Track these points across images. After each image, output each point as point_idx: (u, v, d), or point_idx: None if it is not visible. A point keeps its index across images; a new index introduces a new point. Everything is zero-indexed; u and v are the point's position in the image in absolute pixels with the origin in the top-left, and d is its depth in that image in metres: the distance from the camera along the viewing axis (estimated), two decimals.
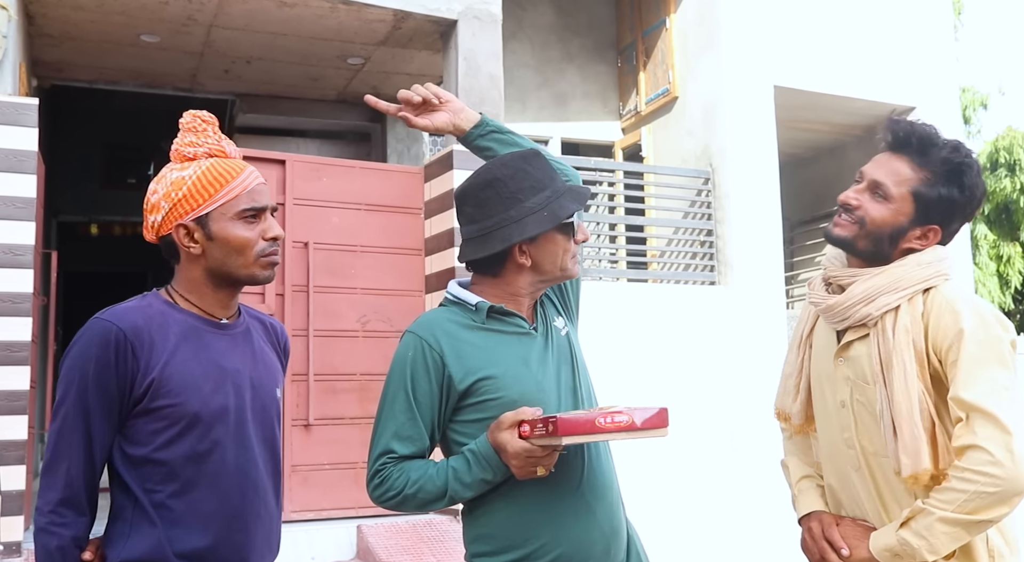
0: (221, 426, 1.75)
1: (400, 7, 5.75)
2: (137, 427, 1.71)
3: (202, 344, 1.77)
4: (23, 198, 4.66)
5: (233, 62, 6.74)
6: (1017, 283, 16.26)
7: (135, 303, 1.77)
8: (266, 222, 1.81)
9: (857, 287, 1.92)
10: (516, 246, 1.87)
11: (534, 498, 1.80)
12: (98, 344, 1.68)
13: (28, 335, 4.63)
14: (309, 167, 5.77)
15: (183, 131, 1.83)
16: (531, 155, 1.95)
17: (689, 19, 7.57)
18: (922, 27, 8.23)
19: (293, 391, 5.48)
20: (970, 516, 1.72)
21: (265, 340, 1.93)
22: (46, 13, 5.71)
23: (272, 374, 1.89)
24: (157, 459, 1.70)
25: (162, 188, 1.79)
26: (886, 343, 1.86)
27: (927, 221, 1.91)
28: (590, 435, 1.66)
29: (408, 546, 4.98)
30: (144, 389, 1.69)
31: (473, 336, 1.87)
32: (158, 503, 1.70)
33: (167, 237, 1.79)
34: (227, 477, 1.75)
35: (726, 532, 6.15)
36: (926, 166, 1.90)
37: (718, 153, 7.15)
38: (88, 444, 1.68)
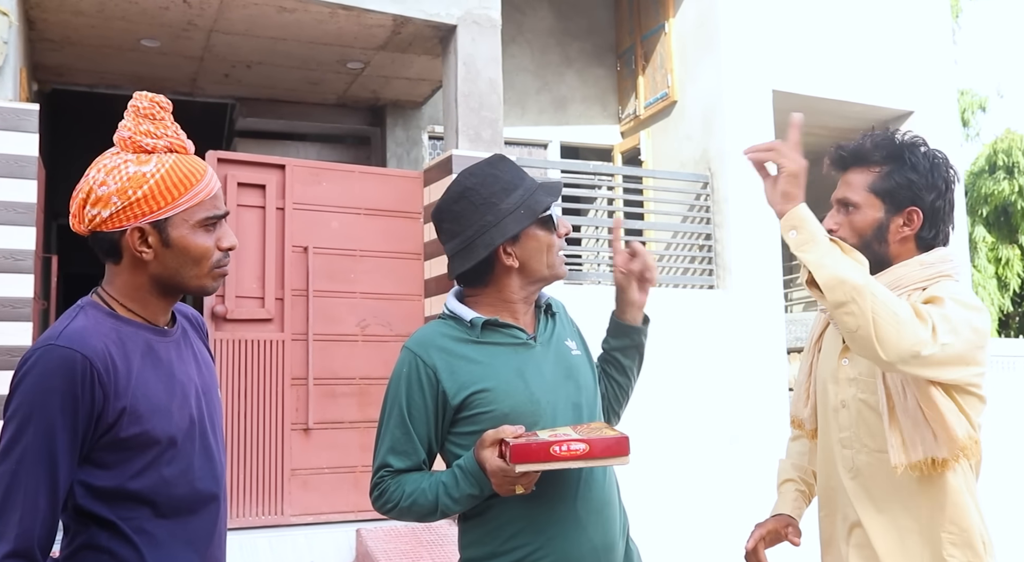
0: (190, 443, 1.64)
1: (400, 12, 5.77)
2: (105, 457, 1.54)
3: (157, 358, 1.63)
4: (24, 203, 4.68)
5: (233, 66, 6.75)
6: (1015, 286, 16.30)
7: (83, 322, 1.57)
8: (222, 230, 1.68)
9: None
10: (501, 249, 1.90)
11: (525, 508, 1.83)
12: (61, 375, 1.48)
13: (28, 340, 4.64)
14: (309, 171, 5.79)
15: (137, 116, 1.63)
16: (496, 160, 1.98)
17: (688, 23, 7.59)
18: (920, 32, 8.26)
19: (293, 395, 5.49)
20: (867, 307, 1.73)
21: (197, 338, 1.81)
22: (47, 18, 5.73)
23: (212, 374, 1.79)
24: (131, 488, 1.55)
25: (115, 182, 1.58)
26: None
27: (900, 207, 1.99)
28: (544, 463, 1.67)
29: (407, 550, 5.00)
30: (115, 418, 1.53)
31: (468, 350, 1.89)
32: (137, 528, 1.56)
33: (108, 234, 1.60)
34: (205, 493, 1.66)
35: (726, 535, 6.16)
36: (873, 164, 2.02)
37: (717, 157, 7.17)
38: (51, 489, 1.48)
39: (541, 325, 2.00)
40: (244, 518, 5.23)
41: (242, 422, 5.30)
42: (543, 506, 1.83)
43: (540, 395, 1.88)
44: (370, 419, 5.69)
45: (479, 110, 5.93)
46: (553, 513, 1.83)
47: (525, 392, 1.86)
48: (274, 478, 5.37)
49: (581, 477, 1.86)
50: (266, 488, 5.34)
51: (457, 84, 5.91)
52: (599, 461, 1.69)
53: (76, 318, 1.58)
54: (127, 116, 1.65)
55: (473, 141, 5.86)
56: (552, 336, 2.00)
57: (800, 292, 8.91)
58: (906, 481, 1.90)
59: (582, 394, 1.95)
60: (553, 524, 1.83)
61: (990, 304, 15.86)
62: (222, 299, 5.35)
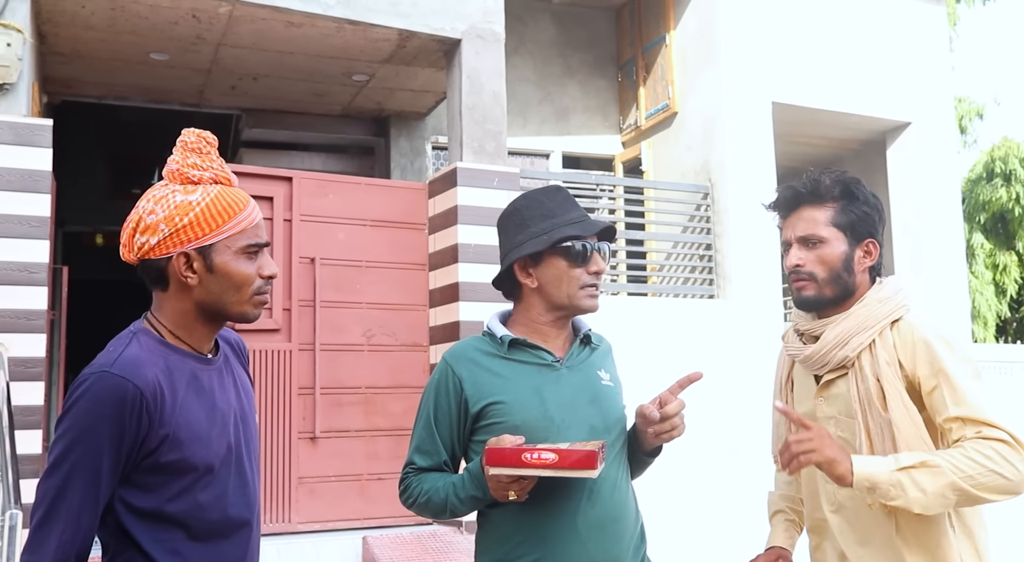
0: (226, 469, 1.71)
1: (405, 27, 5.86)
2: (145, 480, 1.62)
3: (200, 387, 1.71)
4: (38, 217, 4.77)
5: (240, 79, 6.84)
6: (1013, 291, 16.39)
7: (136, 350, 1.64)
8: (263, 258, 1.75)
9: (829, 333, 2.07)
10: (520, 267, 2.04)
11: (530, 518, 1.94)
12: (111, 403, 1.56)
13: (42, 351, 4.73)
14: (315, 184, 5.88)
15: (185, 150, 1.71)
16: (553, 189, 2.12)
17: (689, 36, 7.69)
18: (917, 44, 8.36)
19: (300, 404, 5.57)
20: (975, 491, 1.83)
21: (237, 363, 1.88)
22: (58, 32, 5.82)
23: (251, 400, 1.87)
24: (168, 511, 1.63)
25: (163, 210, 1.66)
26: (864, 381, 2.00)
27: (860, 239, 2.09)
28: (515, 468, 1.79)
29: (412, 557, 5.08)
30: (157, 443, 1.60)
31: (494, 364, 2.03)
32: (171, 550, 1.63)
33: (155, 261, 1.68)
34: (238, 520, 1.73)
35: (727, 542, 6.24)
36: (826, 201, 2.09)
37: (717, 168, 7.26)
38: (93, 507, 1.57)
39: (573, 350, 2.10)
40: None
41: None
42: (546, 518, 1.93)
43: (554, 413, 1.98)
44: (376, 428, 5.78)
45: (483, 123, 6.03)
46: (554, 525, 1.93)
47: (539, 408, 1.97)
48: (281, 486, 5.45)
49: (584, 492, 1.95)
50: (274, 496, 5.42)
51: (461, 97, 6.00)
52: (569, 472, 1.78)
53: (130, 345, 1.65)
54: (175, 150, 1.73)
55: (477, 153, 5.95)
56: (583, 363, 2.10)
57: None
58: (886, 517, 1.97)
59: (602, 419, 2.04)
60: (553, 535, 1.93)
61: (988, 310, 15.95)
62: None
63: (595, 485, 1.96)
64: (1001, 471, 1.84)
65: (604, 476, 1.96)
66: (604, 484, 1.98)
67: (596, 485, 1.96)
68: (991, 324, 15.99)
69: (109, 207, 10.48)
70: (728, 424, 6.68)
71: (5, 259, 4.66)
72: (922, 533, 1.96)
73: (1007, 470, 1.84)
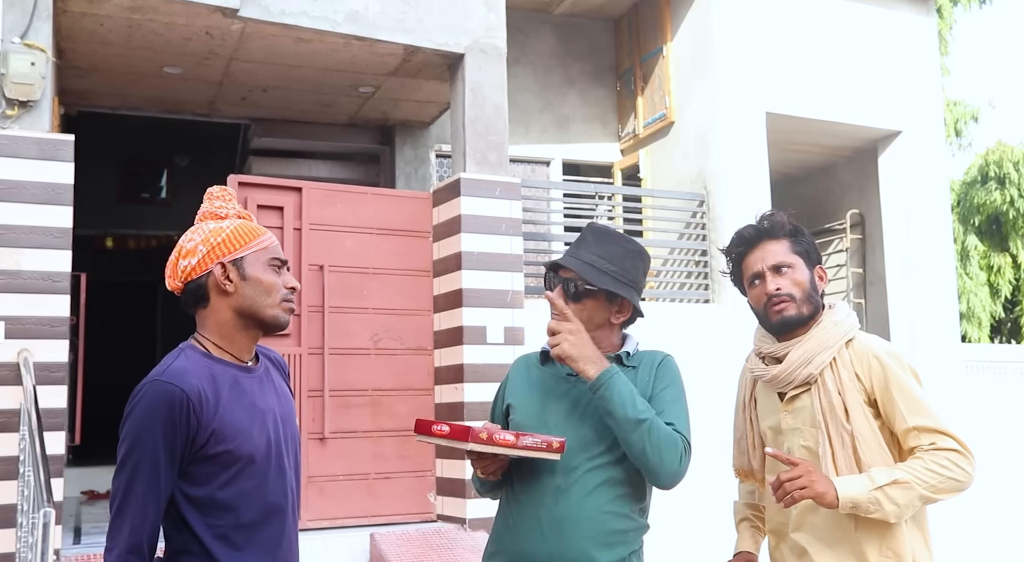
0: (266, 462, 1.97)
1: (410, 42, 6.07)
2: (198, 471, 1.89)
3: (242, 390, 1.98)
4: (60, 228, 4.98)
5: (250, 90, 7.06)
6: (1007, 293, 16.59)
7: (183, 362, 1.93)
8: (286, 274, 2.07)
9: (794, 354, 2.31)
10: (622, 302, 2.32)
11: (509, 514, 2.25)
12: (164, 406, 1.83)
13: (65, 356, 4.95)
14: (324, 194, 6.09)
15: (211, 199, 2.07)
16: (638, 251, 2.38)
17: (685, 47, 7.90)
18: (907, 55, 8.56)
19: (309, 406, 5.79)
20: (935, 495, 2.15)
21: (278, 375, 2.15)
22: (76, 48, 6.04)
23: (291, 406, 2.14)
24: (218, 497, 1.90)
25: (199, 236, 1.99)
26: (827, 395, 2.26)
27: (813, 264, 2.38)
28: (429, 437, 2.10)
29: (419, 553, 5.30)
30: (205, 439, 1.88)
31: (532, 372, 2.35)
32: (221, 535, 1.90)
33: (197, 280, 1.97)
34: (276, 506, 1.99)
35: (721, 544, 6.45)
36: (781, 236, 2.37)
37: (712, 177, 7.48)
38: (156, 497, 1.84)
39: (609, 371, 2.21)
40: None
41: None
42: (519, 510, 2.21)
43: (549, 418, 2.24)
44: (383, 429, 6.00)
45: (486, 134, 6.24)
46: (522, 516, 2.20)
47: (538, 413, 2.26)
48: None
49: (550, 490, 2.18)
50: None
51: (465, 110, 6.22)
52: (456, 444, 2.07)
53: (178, 358, 1.95)
54: (204, 202, 2.09)
55: (480, 164, 6.17)
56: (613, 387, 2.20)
57: None
58: (846, 516, 2.20)
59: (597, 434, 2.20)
60: (520, 526, 2.20)
61: (982, 311, 16.16)
62: None
63: (564, 483, 2.17)
64: (955, 476, 2.16)
65: (576, 478, 2.16)
66: (574, 485, 2.17)
67: (566, 484, 2.17)
68: (985, 325, 16.19)
69: (119, 211, 10.71)
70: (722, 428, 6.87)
71: (30, 268, 4.87)
72: (878, 528, 2.19)
73: (960, 475, 2.16)
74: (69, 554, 4.95)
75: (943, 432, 2.18)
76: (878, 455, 2.21)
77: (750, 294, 2.40)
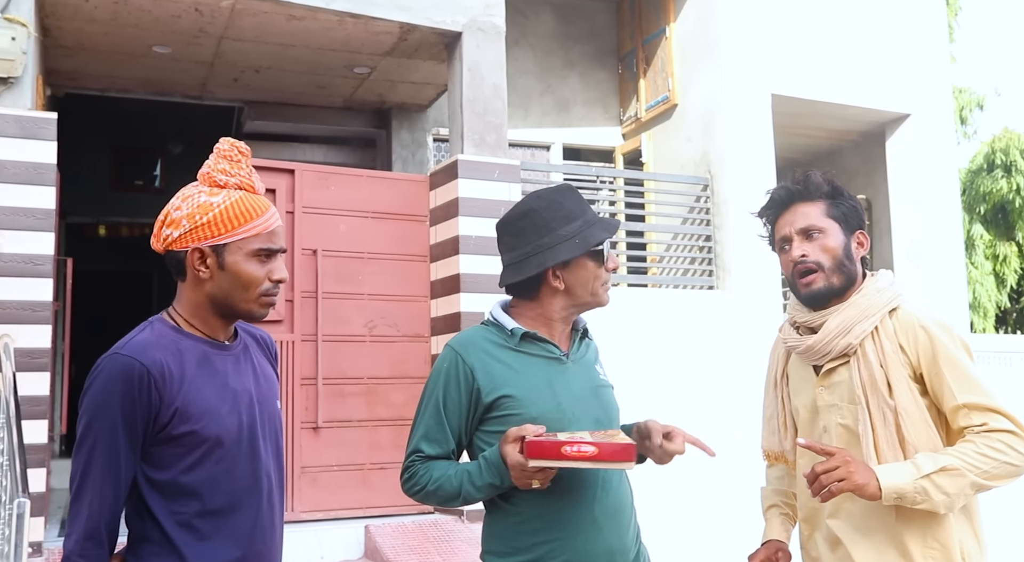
0: (236, 445, 1.82)
1: (406, 20, 5.89)
2: (161, 453, 1.75)
3: (212, 368, 1.83)
4: (42, 209, 4.82)
5: (242, 71, 6.88)
6: (1013, 282, 16.44)
7: (147, 335, 1.79)
8: (275, 263, 1.86)
9: (831, 322, 2.10)
10: (550, 270, 2.05)
11: (545, 507, 1.97)
12: (121, 380, 1.71)
13: (47, 342, 4.78)
14: (317, 176, 5.92)
15: (218, 157, 1.86)
16: (564, 189, 2.13)
17: (688, 28, 7.72)
18: (916, 36, 8.37)
19: (302, 394, 5.63)
20: (989, 482, 1.95)
21: (260, 354, 2.00)
22: (61, 26, 5.86)
23: (272, 387, 1.98)
24: (182, 482, 1.76)
25: (187, 207, 1.81)
26: (868, 367, 2.05)
27: (852, 230, 2.17)
28: (556, 461, 1.83)
29: (415, 546, 5.14)
30: (168, 418, 1.74)
31: (505, 355, 2.05)
32: (184, 522, 1.76)
33: (176, 253, 1.83)
34: (247, 493, 1.83)
35: (725, 533, 6.30)
36: (816, 198, 2.17)
37: (716, 160, 7.30)
38: (114, 477, 1.71)
39: (575, 345, 2.15)
40: None
41: None
42: (563, 506, 1.97)
43: (566, 406, 2.02)
44: (378, 418, 5.84)
45: (484, 115, 6.06)
46: (572, 513, 1.97)
47: (552, 401, 2.01)
48: (284, 475, 5.49)
49: (599, 481, 2.00)
50: None
51: (462, 90, 6.04)
52: (606, 464, 1.82)
53: (143, 331, 1.82)
54: (211, 156, 1.87)
55: (478, 146, 5.99)
56: (583, 357, 2.15)
57: None
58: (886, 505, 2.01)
59: (604, 412, 2.10)
60: (570, 524, 1.97)
61: (988, 300, 15.99)
62: None
63: (607, 475, 2.01)
64: (1011, 461, 1.96)
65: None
66: (613, 475, 2.04)
67: (607, 475, 2.01)
68: (991, 314, 16.04)
69: (112, 199, 10.54)
70: (727, 414, 6.73)
71: (10, 251, 4.71)
72: (922, 517, 2.00)
73: (1016, 459, 1.96)
74: (53, 546, 4.78)
75: (997, 410, 1.99)
76: (924, 435, 2.01)
77: (780, 260, 2.21)
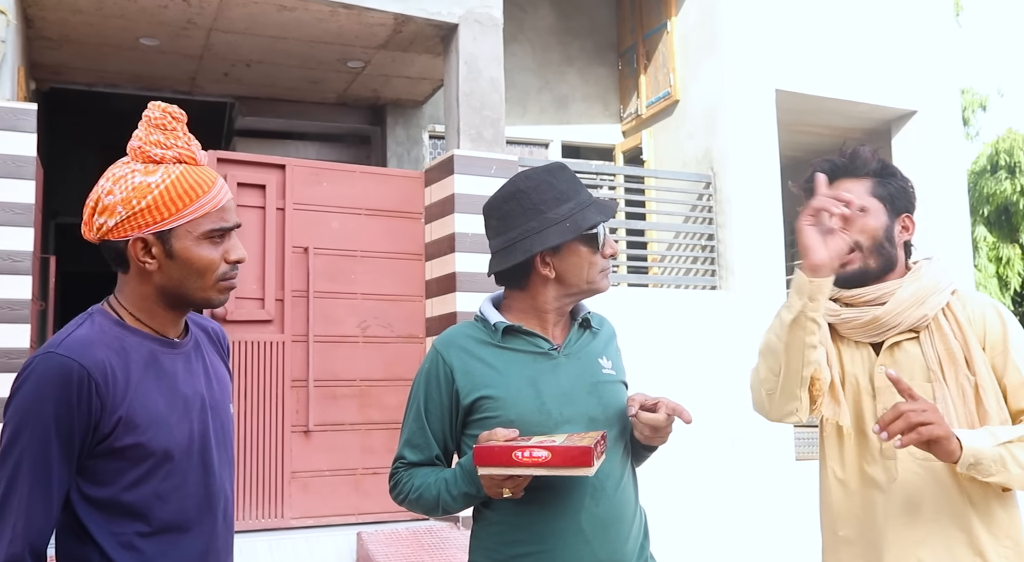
0: (187, 458, 1.61)
1: (401, 11, 5.72)
2: (100, 467, 1.53)
3: (161, 370, 1.61)
4: (22, 204, 4.64)
5: (232, 65, 6.71)
6: (1016, 285, 16.26)
7: (87, 331, 1.56)
8: (230, 242, 1.65)
9: (902, 293, 1.99)
10: (539, 257, 1.89)
11: (529, 516, 1.82)
12: (56, 383, 1.47)
13: (27, 342, 4.60)
14: (309, 171, 5.74)
15: (148, 126, 1.61)
16: (556, 168, 1.96)
17: (690, 22, 7.55)
18: (923, 31, 8.21)
19: (293, 397, 5.45)
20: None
21: (212, 351, 1.79)
22: (45, 16, 5.68)
23: (225, 390, 1.77)
24: (125, 500, 1.54)
25: (121, 190, 1.56)
26: (944, 340, 1.95)
27: (898, 212, 2.05)
28: (506, 467, 1.67)
29: (408, 553, 4.96)
30: (111, 428, 1.51)
31: (487, 353, 1.90)
32: (127, 544, 1.54)
33: (114, 243, 1.59)
34: (198, 511, 1.63)
35: (727, 534, 6.13)
36: (864, 174, 2.06)
37: (719, 157, 7.13)
38: (44, 495, 1.48)
39: (572, 337, 1.97)
40: (244, 521, 5.19)
41: (242, 424, 5.26)
42: (547, 516, 1.81)
43: (551, 406, 1.86)
44: (371, 421, 5.66)
45: (481, 109, 5.89)
46: (556, 524, 1.81)
47: (535, 401, 1.85)
48: (274, 481, 5.33)
49: (588, 489, 1.83)
50: (266, 491, 5.30)
51: (459, 83, 5.86)
52: (561, 471, 1.66)
53: (82, 326, 1.58)
54: (140, 126, 1.63)
55: (475, 141, 5.82)
56: (582, 350, 1.97)
57: None
58: (955, 490, 1.87)
59: (603, 410, 1.91)
60: (555, 535, 1.81)
61: None
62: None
63: (599, 481, 1.84)
64: None
65: (608, 472, 1.85)
66: (608, 480, 1.86)
67: (600, 481, 1.84)
68: None
69: None
70: (730, 416, 6.56)
71: None
72: (994, 509, 1.88)
73: None
74: None
75: None
76: (998, 412, 1.89)
77: None
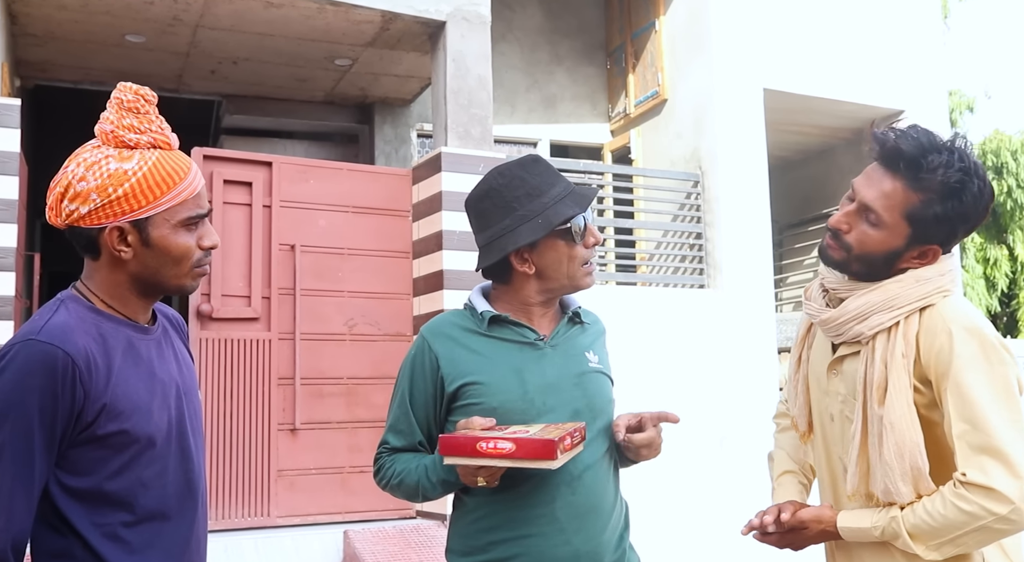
0: (167, 444, 1.59)
1: (388, 8, 5.71)
2: (81, 456, 1.49)
3: (138, 356, 1.59)
4: (5, 200, 4.60)
5: (219, 63, 6.68)
6: (1003, 285, 16.35)
7: (64, 317, 1.52)
8: (204, 228, 1.63)
9: (851, 303, 1.82)
10: (515, 255, 1.89)
11: (505, 506, 1.84)
12: (41, 373, 1.43)
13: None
14: (296, 169, 5.72)
15: (120, 109, 1.56)
16: (528, 161, 1.95)
17: (678, 22, 7.55)
18: (911, 31, 8.24)
19: (279, 395, 5.42)
20: (960, 549, 1.69)
21: (177, 337, 1.77)
22: (29, 12, 5.65)
23: (192, 374, 1.75)
24: (107, 489, 1.51)
25: (95, 178, 1.52)
26: (872, 365, 1.77)
27: (925, 241, 1.78)
28: (471, 458, 1.67)
29: (395, 551, 4.94)
30: (94, 416, 1.48)
31: (473, 341, 1.91)
32: (111, 534, 1.51)
33: (86, 230, 1.54)
34: (180, 499, 1.61)
35: (715, 534, 6.13)
36: (920, 188, 1.74)
37: (707, 156, 7.13)
38: (27, 487, 1.44)
39: (560, 329, 1.97)
40: (230, 519, 5.16)
41: (228, 422, 5.23)
42: (523, 504, 1.82)
43: (535, 395, 1.86)
44: (358, 419, 5.63)
45: (468, 107, 5.88)
46: (531, 513, 1.82)
47: (519, 390, 1.86)
48: (260, 479, 5.30)
49: (564, 479, 1.83)
50: (252, 489, 5.27)
51: (446, 81, 5.85)
52: (525, 463, 1.65)
53: (57, 312, 1.53)
54: (110, 108, 1.59)
55: (462, 138, 5.81)
56: (570, 342, 1.98)
57: (790, 292, 8.90)
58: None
59: (587, 402, 1.91)
60: (530, 524, 1.82)
61: (978, 304, 15.89)
62: (208, 298, 5.28)
63: (576, 471, 1.84)
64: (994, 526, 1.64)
65: (587, 463, 1.85)
66: (587, 471, 1.86)
67: (578, 471, 1.84)
68: None
69: None
70: (718, 415, 6.57)
71: None
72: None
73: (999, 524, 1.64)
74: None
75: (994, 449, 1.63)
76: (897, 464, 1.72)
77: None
